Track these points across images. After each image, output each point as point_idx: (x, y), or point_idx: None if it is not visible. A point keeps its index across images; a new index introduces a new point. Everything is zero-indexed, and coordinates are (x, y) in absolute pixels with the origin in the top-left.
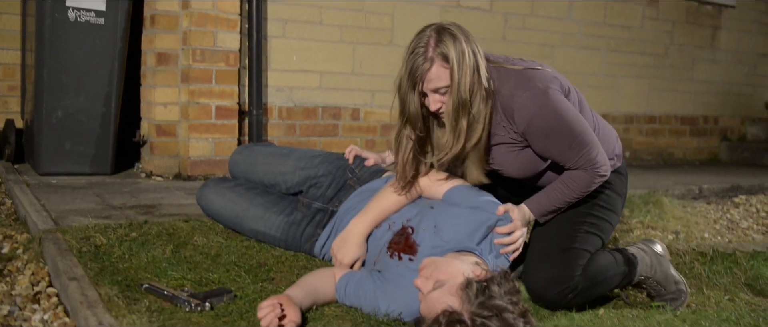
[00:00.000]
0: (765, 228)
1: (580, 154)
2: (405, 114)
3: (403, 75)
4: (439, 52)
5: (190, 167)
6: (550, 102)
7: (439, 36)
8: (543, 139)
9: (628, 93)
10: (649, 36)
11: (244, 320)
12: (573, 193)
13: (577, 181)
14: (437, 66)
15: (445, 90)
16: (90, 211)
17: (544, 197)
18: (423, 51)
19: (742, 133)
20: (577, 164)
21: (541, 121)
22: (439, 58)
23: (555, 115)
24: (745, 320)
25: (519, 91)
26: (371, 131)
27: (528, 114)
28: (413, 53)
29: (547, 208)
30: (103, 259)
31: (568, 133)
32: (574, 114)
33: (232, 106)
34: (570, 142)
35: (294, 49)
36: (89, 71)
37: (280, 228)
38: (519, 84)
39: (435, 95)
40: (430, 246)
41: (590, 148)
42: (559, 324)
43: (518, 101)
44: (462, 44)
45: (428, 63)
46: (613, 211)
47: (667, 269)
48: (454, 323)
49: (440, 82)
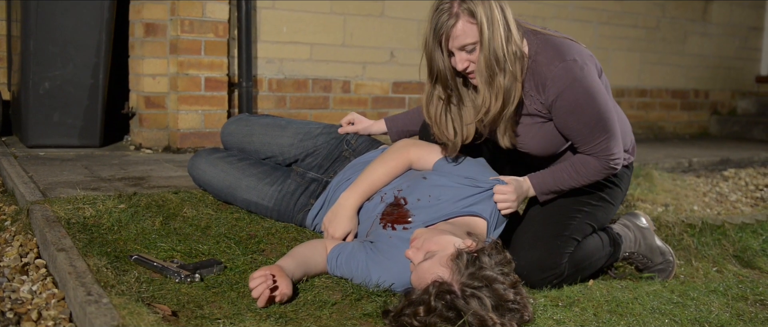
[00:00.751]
0: (753, 201)
1: (600, 139)
2: (433, 73)
3: (428, 33)
4: (464, 8)
5: (179, 139)
6: (585, 78)
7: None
8: (567, 115)
9: (619, 66)
10: (641, 9)
11: (234, 291)
12: (580, 178)
13: (587, 167)
14: (463, 21)
15: (473, 47)
16: (78, 183)
17: (548, 175)
18: (448, 7)
19: (732, 106)
20: (593, 150)
21: (571, 96)
22: (465, 13)
23: (586, 93)
24: (733, 291)
25: (556, 61)
26: (362, 104)
27: (561, 85)
28: (437, 10)
29: (550, 187)
30: (92, 230)
31: (594, 114)
32: (604, 97)
33: (222, 77)
34: (593, 124)
35: (284, 20)
36: (76, 42)
37: (272, 198)
38: (557, 54)
39: (461, 53)
40: (425, 216)
41: (610, 136)
42: (549, 294)
43: (554, 71)
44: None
45: (454, 19)
46: (612, 204)
47: (651, 242)
48: (443, 294)
49: (467, 39)
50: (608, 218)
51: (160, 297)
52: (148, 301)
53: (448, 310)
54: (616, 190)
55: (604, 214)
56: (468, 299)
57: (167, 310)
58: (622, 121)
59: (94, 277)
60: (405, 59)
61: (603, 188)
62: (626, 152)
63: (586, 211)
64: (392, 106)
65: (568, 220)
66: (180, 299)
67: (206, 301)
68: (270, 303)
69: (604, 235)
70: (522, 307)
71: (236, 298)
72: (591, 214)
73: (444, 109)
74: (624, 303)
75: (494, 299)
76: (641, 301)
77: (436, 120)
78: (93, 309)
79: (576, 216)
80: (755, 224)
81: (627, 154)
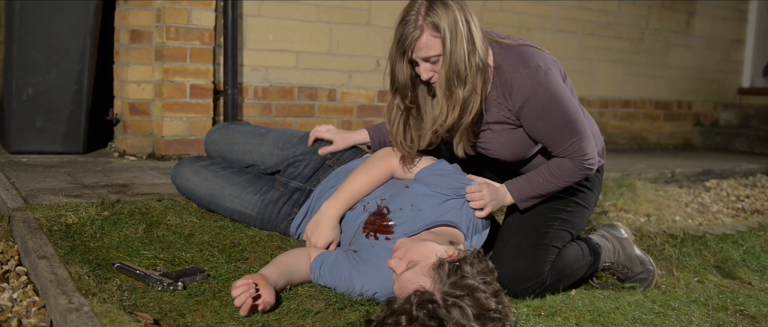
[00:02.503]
0: (735, 211)
1: (571, 141)
2: (394, 83)
3: (393, 43)
4: (429, 21)
5: (164, 147)
6: (550, 84)
7: (431, 4)
8: (536, 121)
9: (603, 77)
10: (626, 20)
11: (217, 300)
12: (557, 182)
13: (562, 169)
14: (427, 34)
15: (436, 59)
16: (61, 190)
17: (525, 181)
18: (413, 19)
19: (714, 118)
20: (566, 152)
21: (537, 101)
22: (430, 26)
23: (552, 97)
24: (713, 301)
25: (520, 68)
26: (348, 112)
27: (526, 92)
28: (403, 21)
29: (528, 193)
30: (74, 237)
31: (563, 118)
32: (570, 100)
33: (207, 85)
34: (563, 127)
35: (270, 28)
36: (61, 47)
37: (256, 207)
38: (521, 61)
39: (426, 64)
40: (407, 225)
41: (581, 137)
42: (531, 304)
43: (519, 78)
44: (455, 13)
45: (418, 31)
46: (586, 208)
47: (630, 251)
48: (425, 303)
49: (431, 51)
50: (584, 223)
51: (142, 305)
52: (130, 310)
53: (430, 320)
54: (589, 194)
55: (580, 219)
56: (450, 308)
57: (149, 319)
58: (591, 124)
59: (75, 284)
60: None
61: (576, 193)
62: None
63: (563, 219)
64: (378, 114)
65: (546, 228)
66: (162, 307)
67: (189, 309)
68: (253, 312)
69: (584, 245)
70: (504, 317)
71: (219, 306)
72: (568, 220)
73: (402, 119)
74: (606, 313)
75: (476, 308)
76: (623, 311)
77: (394, 128)
78: (74, 317)
79: (553, 223)
80: (736, 235)
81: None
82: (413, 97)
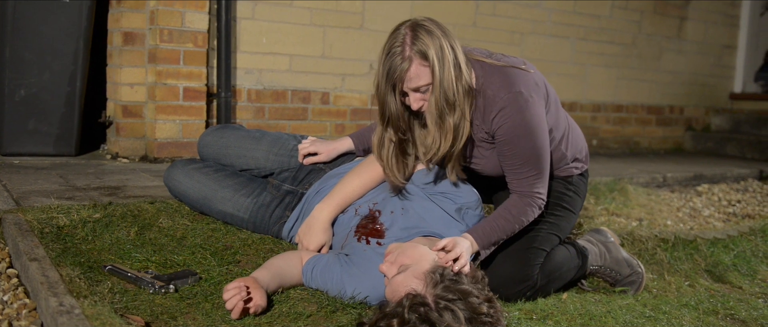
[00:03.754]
0: (726, 216)
1: (528, 175)
2: (385, 116)
3: (381, 77)
4: (416, 50)
5: (156, 149)
6: (528, 112)
7: (415, 33)
8: (503, 144)
9: (596, 82)
10: (618, 25)
11: (208, 302)
12: (514, 221)
13: (516, 207)
14: (416, 65)
15: (427, 88)
16: (53, 192)
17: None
18: (399, 50)
19: (706, 123)
20: (519, 185)
21: (510, 127)
22: (418, 56)
23: (526, 127)
24: (704, 305)
25: (502, 92)
26: (341, 115)
27: (503, 116)
28: (390, 54)
29: (490, 239)
30: (66, 240)
31: (529, 149)
32: (543, 135)
33: (200, 87)
34: (526, 158)
35: (263, 31)
36: (53, 49)
37: (248, 210)
38: (503, 84)
39: (416, 94)
40: (399, 229)
41: (539, 173)
42: (523, 308)
43: (499, 102)
44: (439, 40)
45: (407, 62)
46: (572, 212)
47: (617, 254)
48: (417, 306)
49: (421, 81)
50: (571, 226)
51: (133, 308)
52: (122, 312)
53: (421, 323)
54: (576, 198)
55: (567, 223)
56: (442, 312)
57: (141, 321)
58: (574, 130)
59: (66, 287)
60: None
61: (562, 198)
62: (580, 161)
63: (550, 222)
64: (371, 118)
65: (535, 233)
66: (154, 310)
67: (180, 312)
68: (244, 315)
69: (572, 248)
70: (495, 321)
71: (211, 309)
72: (555, 224)
73: (395, 152)
74: (597, 316)
75: (468, 312)
76: (614, 314)
77: (387, 162)
78: (65, 320)
79: (541, 228)
80: (727, 239)
81: (581, 163)
82: (405, 128)
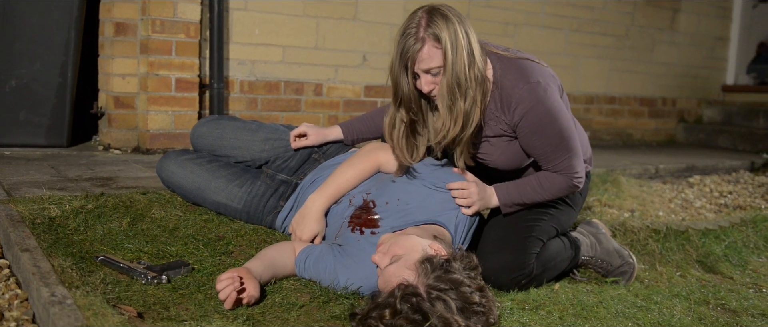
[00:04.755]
0: (717, 207)
1: (563, 158)
2: (397, 96)
3: (395, 57)
4: (430, 33)
5: (149, 140)
6: (548, 100)
7: (431, 16)
8: (531, 135)
9: (589, 73)
10: (611, 17)
11: (201, 293)
12: (544, 194)
13: (552, 183)
14: (429, 46)
15: (438, 71)
16: (44, 183)
17: (513, 187)
18: (414, 31)
19: (698, 115)
20: (557, 168)
21: (534, 117)
22: (431, 38)
23: (549, 114)
24: (695, 295)
25: (520, 83)
26: (334, 107)
27: (525, 107)
28: (404, 34)
29: (514, 199)
30: (58, 230)
31: (557, 135)
32: (566, 118)
33: (193, 78)
34: (557, 144)
35: (256, 22)
36: (45, 40)
37: (242, 200)
38: (521, 76)
39: (427, 76)
40: (393, 219)
41: (572, 154)
42: (515, 298)
43: (518, 93)
44: (455, 25)
45: (419, 43)
46: (572, 208)
47: (608, 245)
48: (409, 296)
49: (432, 63)
50: (570, 222)
51: (125, 298)
52: (114, 303)
53: (414, 313)
54: (577, 196)
55: (567, 218)
56: (434, 302)
57: (133, 312)
58: (580, 132)
59: (58, 277)
60: (377, 63)
61: None
62: (585, 163)
63: (551, 214)
64: (364, 109)
65: (534, 222)
66: (146, 301)
67: (173, 302)
68: (237, 305)
69: (565, 239)
70: (487, 311)
71: (203, 299)
72: (555, 217)
73: (405, 133)
74: (589, 306)
75: (460, 302)
76: (606, 304)
77: (397, 142)
78: (57, 310)
79: (542, 219)
80: (718, 230)
81: (585, 165)
82: (417, 109)
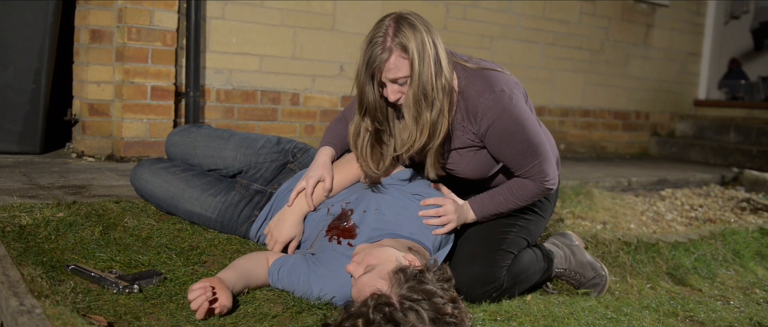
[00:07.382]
0: (688, 220)
1: (533, 163)
2: (363, 105)
3: (361, 65)
4: (397, 42)
5: (123, 148)
6: (514, 108)
7: (398, 25)
8: (500, 144)
9: (564, 87)
10: (586, 31)
11: (173, 303)
12: (517, 201)
13: (523, 190)
14: (396, 56)
15: (405, 80)
16: (16, 191)
17: (487, 199)
18: (381, 40)
19: (671, 129)
20: (528, 173)
21: (501, 125)
22: (398, 47)
23: (516, 122)
24: (665, 307)
25: (486, 93)
26: (311, 116)
27: (492, 116)
28: (371, 43)
29: (489, 211)
30: (28, 239)
31: (525, 141)
32: (533, 124)
33: (169, 87)
34: (525, 150)
35: (233, 31)
36: (18, 46)
37: (216, 209)
38: (486, 86)
39: (393, 86)
40: (371, 228)
41: (542, 159)
42: (487, 309)
43: (484, 103)
44: (422, 34)
45: (387, 53)
46: (542, 217)
47: (581, 258)
48: (381, 306)
49: (399, 73)
50: (540, 231)
51: (96, 308)
52: (84, 312)
53: (386, 323)
54: (546, 203)
55: (537, 227)
56: (406, 312)
57: (103, 321)
58: (548, 136)
59: (27, 286)
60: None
61: (534, 202)
62: None
63: (520, 226)
64: None
65: (504, 235)
66: (117, 310)
67: (144, 312)
68: (209, 315)
69: (538, 251)
70: (459, 322)
71: (175, 309)
72: (524, 228)
73: (370, 142)
74: (560, 318)
75: (432, 312)
76: (577, 316)
77: (361, 151)
78: (25, 319)
79: (511, 230)
80: (688, 243)
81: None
82: (383, 118)
